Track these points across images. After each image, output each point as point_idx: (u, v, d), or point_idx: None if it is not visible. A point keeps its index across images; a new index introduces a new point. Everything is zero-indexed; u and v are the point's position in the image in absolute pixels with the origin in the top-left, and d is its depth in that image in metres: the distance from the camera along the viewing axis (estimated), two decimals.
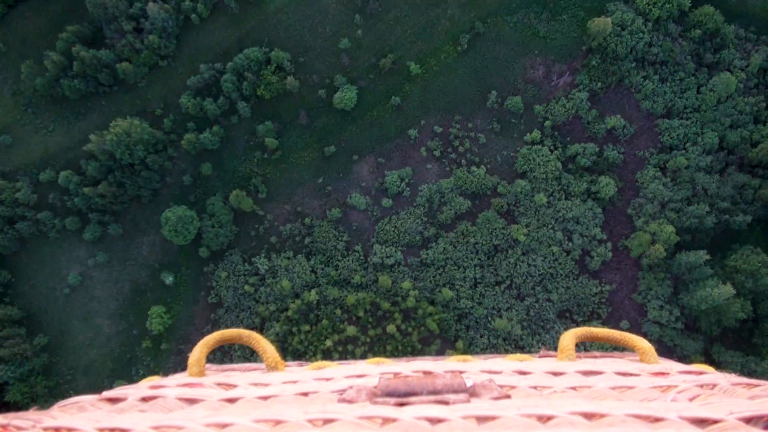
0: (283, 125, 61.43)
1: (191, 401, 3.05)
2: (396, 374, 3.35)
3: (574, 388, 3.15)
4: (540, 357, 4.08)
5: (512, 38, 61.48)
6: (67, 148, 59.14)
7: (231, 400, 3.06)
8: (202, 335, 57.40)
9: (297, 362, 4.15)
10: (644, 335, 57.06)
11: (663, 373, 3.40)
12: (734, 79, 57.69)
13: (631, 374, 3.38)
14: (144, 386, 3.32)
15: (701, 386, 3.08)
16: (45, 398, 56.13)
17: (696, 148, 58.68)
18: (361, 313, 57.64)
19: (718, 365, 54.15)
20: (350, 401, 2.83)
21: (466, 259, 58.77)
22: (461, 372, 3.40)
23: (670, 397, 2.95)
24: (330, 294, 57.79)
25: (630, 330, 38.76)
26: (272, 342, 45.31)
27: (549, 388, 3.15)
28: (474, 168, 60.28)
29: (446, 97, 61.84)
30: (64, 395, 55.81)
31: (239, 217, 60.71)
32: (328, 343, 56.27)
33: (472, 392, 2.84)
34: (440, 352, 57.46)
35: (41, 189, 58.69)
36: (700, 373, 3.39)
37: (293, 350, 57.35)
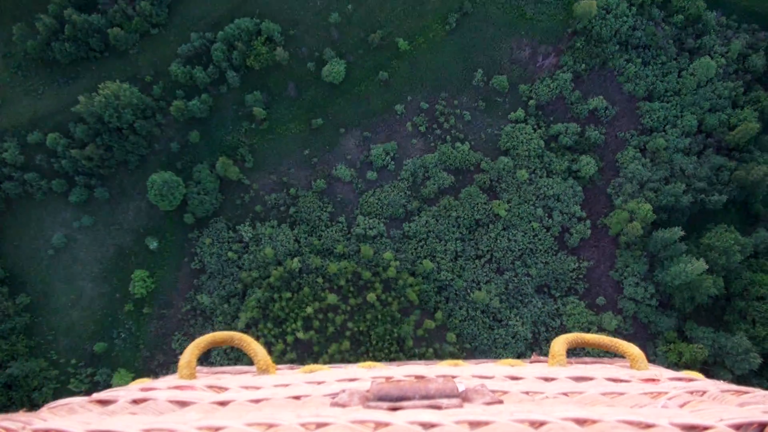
0: (272, 97, 62.20)
1: (182, 404, 3.04)
2: (388, 378, 3.41)
3: (565, 394, 3.16)
4: (531, 362, 4.16)
5: (500, 19, 62.58)
6: (56, 111, 59.61)
7: (222, 403, 3.06)
8: (185, 300, 58.09)
9: (288, 365, 4.20)
10: (620, 311, 58.23)
11: (653, 380, 3.44)
12: (714, 63, 59.04)
13: (621, 380, 3.41)
14: (134, 388, 3.31)
15: (691, 393, 3.09)
16: (25, 357, 56.45)
17: (675, 130, 59.96)
18: (342, 282, 58.35)
19: (690, 341, 55.32)
20: (343, 405, 2.83)
21: (448, 233, 59.66)
22: (453, 377, 3.43)
23: (660, 403, 2.95)
24: (312, 262, 58.49)
25: (605, 306, 40.05)
26: (253, 309, 46.09)
27: (541, 394, 3.17)
28: (458, 144, 61.26)
29: (433, 74, 62.82)
30: (45, 355, 56.32)
31: (225, 185, 61.35)
32: (309, 310, 56.93)
33: (464, 397, 2.86)
34: (419, 323, 58.32)
35: (29, 151, 59.10)
36: (690, 379, 3.44)
37: (274, 316, 57.99)
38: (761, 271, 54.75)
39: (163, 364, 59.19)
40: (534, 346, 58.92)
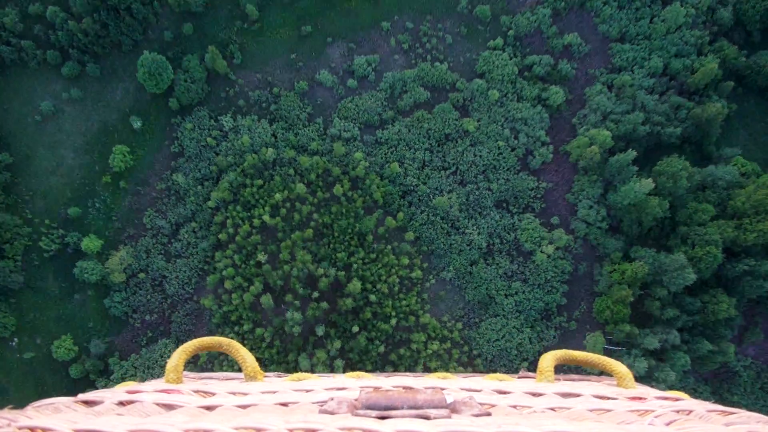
0: (266, 0, 65.31)
1: (169, 407, 3.04)
2: (376, 388, 3.44)
3: (553, 409, 3.18)
4: (519, 377, 4.21)
5: None
6: None
7: (210, 408, 3.07)
8: (161, 180, 60.77)
9: (276, 373, 4.21)
10: (572, 232, 61.25)
11: (640, 398, 3.46)
12: (684, 11, 62.64)
13: (609, 398, 3.44)
14: (120, 390, 3.29)
15: (678, 412, 3.12)
16: (1, 210, 58.83)
17: (642, 70, 63.43)
18: (312, 177, 61.13)
19: (633, 261, 58.30)
20: (331, 413, 2.84)
21: (418, 142, 62.65)
22: (442, 389, 3.45)
23: (647, 420, 2.96)
24: (286, 155, 61.31)
25: (559, 225, 43.58)
26: (225, 190, 48.91)
27: (528, 408, 3.20)
28: (437, 64, 64.44)
29: None
30: (21, 214, 58.70)
31: (212, 78, 64.20)
32: (277, 197, 59.62)
33: (452, 408, 2.89)
34: (381, 222, 61.13)
35: (28, 21, 61.84)
36: (677, 399, 3.45)
37: (244, 201, 60.65)
38: (706, 202, 57.96)
39: (133, 237, 61.66)
40: (487, 256, 61.81)
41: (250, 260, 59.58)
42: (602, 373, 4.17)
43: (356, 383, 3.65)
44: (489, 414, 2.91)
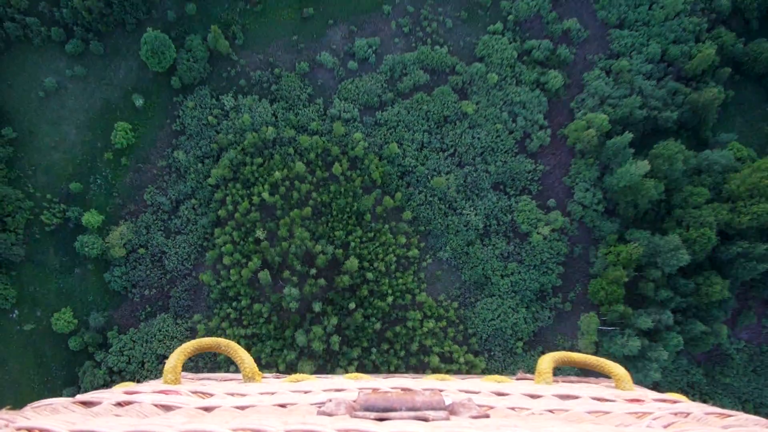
0: None
1: (167, 408, 3.05)
2: (375, 390, 3.44)
3: (551, 411, 3.20)
4: (518, 379, 4.22)
5: None
6: None
7: (208, 409, 3.08)
8: (162, 157, 61.37)
9: (274, 374, 4.20)
10: (568, 214, 61.81)
11: (638, 400, 3.47)
12: None
13: (607, 400, 3.45)
14: (118, 391, 3.29)
15: (675, 414, 3.12)
16: (3, 184, 59.47)
17: (640, 56, 63.98)
18: (312, 156, 61.76)
19: (628, 243, 58.83)
20: (330, 414, 2.84)
21: (417, 124, 63.24)
22: (440, 390, 3.47)
23: (645, 423, 2.97)
24: (286, 134, 61.91)
25: (555, 208, 44.27)
26: (225, 168, 49.52)
27: (527, 410, 3.21)
28: (437, 47, 65.06)
29: None
30: (23, 188, 59.38)
31: (214, 58, 64.84)
32: (277, 175, 60.22)
33: (451, 410, 2.91)
34: (379, 201, 61.74)
35: None
36: (675, 401, 3.46)
37: (244, 179, 61.29)
38: (701, 185, 58.48)
39: (133, 212, 62.31)
40: (484, 237, 62.38)
41: (249, 237, 60.19)
42: (598, 374, 4.18)
43: (354, 384, 3.68)
44: (487, 416, 2.94)
